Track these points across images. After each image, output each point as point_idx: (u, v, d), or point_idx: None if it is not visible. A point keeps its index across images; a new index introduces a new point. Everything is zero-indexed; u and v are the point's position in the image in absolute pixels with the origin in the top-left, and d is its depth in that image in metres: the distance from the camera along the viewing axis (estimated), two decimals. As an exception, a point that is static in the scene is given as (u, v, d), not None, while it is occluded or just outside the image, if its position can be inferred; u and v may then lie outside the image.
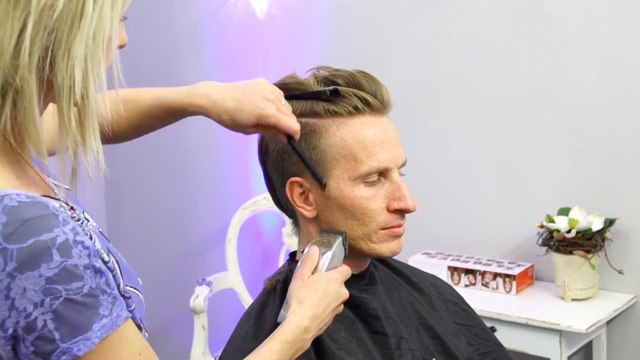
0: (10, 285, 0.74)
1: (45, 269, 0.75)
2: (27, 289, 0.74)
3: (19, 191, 0.78)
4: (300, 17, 2.92)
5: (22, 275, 0.74)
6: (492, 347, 1.32)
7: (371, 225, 1.16)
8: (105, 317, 0.79)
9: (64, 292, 0.76)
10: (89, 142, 0.82)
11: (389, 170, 1.16)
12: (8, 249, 0.74)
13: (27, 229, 0.75)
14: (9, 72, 0.76)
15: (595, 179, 2.34)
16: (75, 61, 0.78)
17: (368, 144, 1.15)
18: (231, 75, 3.14)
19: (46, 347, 0.76)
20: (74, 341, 0.77)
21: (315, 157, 1.15)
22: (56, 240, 0.76)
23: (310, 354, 1.10)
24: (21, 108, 0.78)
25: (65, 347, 0.76)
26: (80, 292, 0.77)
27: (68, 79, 0.78)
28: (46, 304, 0.75)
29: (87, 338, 0.77)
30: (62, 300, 0.75)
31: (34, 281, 0.74)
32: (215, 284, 2.84)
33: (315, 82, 1.19)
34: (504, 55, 2.48)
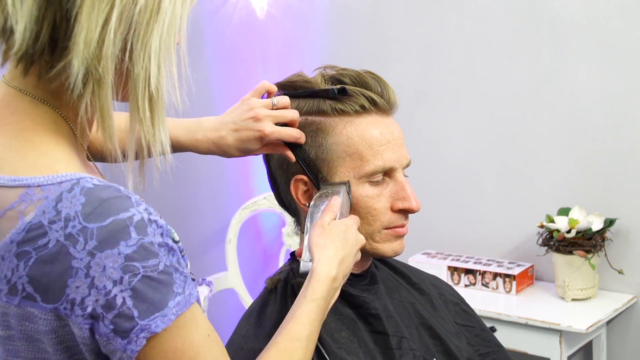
0: (90, 264, 0.76)
1: (124, 246, 0.76)
2: (106, 267, 0.76)
3: (91, 176, 0.80)
4: (300, 17, 2.92)
5: (101, 254, 0.76)
6: (492, 348, 1.32)
7: (375, 225, 1.16)
8: (179, 294, 0.80)
9: (142, 269, 0.77)
10: (158, 133, 0.84)
11: (394, 170, 1.16)
12: (88, 228, 0.76)
13: (106, 209, 0.77)
14: (92, 62, 0.78)
15: (595, 179, 2.34)
16: (151, 53, 0.80)
17: (374, 143, 1.15)
18: (231, 75, 3.14)
19: (125, 325, 0.77)
20: (152, 317, 0.78)
21: (321, 155, 1.16)
22: (133, 219, 0.78)
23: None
24: (99, 97, 0.80)
25: (143, 324, 0.78)
26: (156, 269, 0.78)
27: (144, 71, 0.80)
28: (125, 281, 0.76)
29: (164, 315, 0.79)
30: (140, 277, 0.77)
31: (113, 259, 0.76)
32: (215, 284, 2.84)
33: (322, 81, 1.19)
34: (504, 55, 2.48)
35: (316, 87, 1.18)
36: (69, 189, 0.77)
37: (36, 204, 0.77)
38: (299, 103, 1.18)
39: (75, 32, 0.77)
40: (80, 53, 0.77)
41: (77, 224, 0.76)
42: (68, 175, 0.79)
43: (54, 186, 0.78)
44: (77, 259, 0.76)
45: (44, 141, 0.82)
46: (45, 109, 0.83)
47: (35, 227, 0.76)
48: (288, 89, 1.21)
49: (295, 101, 1.19)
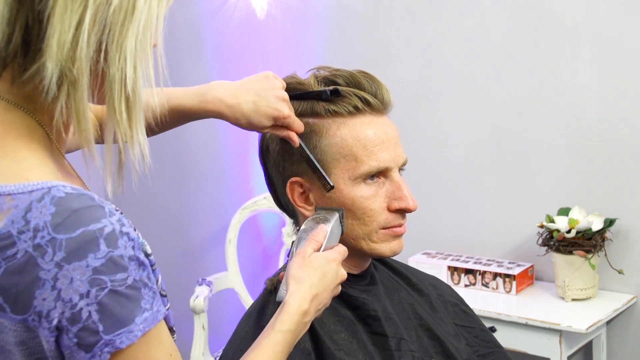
0: (58, 276, 0.74)
1: (92, 259, 0.75)
2: (74, 279, 0.75)
3: (65, 183, 0.78)
4: (300, 17, 2.92)
5: (69, 265, 0.74)
6: (491, 349, 1.32)
7: (372, 225, 1.16)
8: (147, 310, 0.79)
9: (110, 283, 0.76)
10: (135, 135, 0.82)
11: (389, 169, 1.16)
12: (57, 239, 0.74)
13: (76, 219, 0.75)
14: (66, 64, 0.77)
15: (595, 179, 2.34)
16: (127, 54, 0.79)
17: (368, 143, 1.15)
18: (231, 75, 3.14)
19: (89, 339, 0.76)
20: (117, 333, 0.77)
21: (316, 157, 1.15)
22: (104, 230, 0.76)
23: (311, 354, 1.10)
24: (74, 100, 0.79)
25: (108, 339, 0.76)
26: (124, 283, 0.77)
27: (120, 72, 0.79)
28: (92, 294, 0.75)
29: (130, 331, 0.77)
30: (107, 291, 0.76)
31: (81, 271, 0.75)
32: (215, 284, 2.84)
33: (315, 82, 1.19)
34: (504, 55, 2.48)
35: (309, 89, 1.18)
36: (39, 198, 0.76)
37: (6, 213, 0.76)
38: (293, 105, 1.18)
39: (48, 34, 0.76)
40: (53, 55, 0.76)
41: (45, 234, 0.74)
42: (39, 183, 0.77)
43: (24, 195, 0.76)
44: (44, 270, 0.74)
45: (16, 147, 0.80)
46: (18, 114, 0.81)
47: (4, 237, 0.75)
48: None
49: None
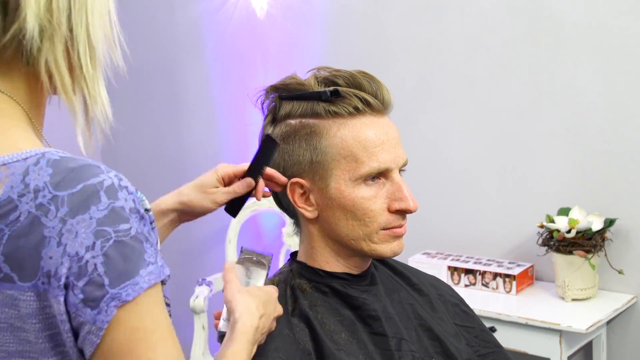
0: (62, 231, 0.75)
1: (95, 210, 0.76)
2: (79, 233, 0.75)
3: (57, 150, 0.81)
4: (300, 17, 2.92)
5: (73, 220, 0.75)
6: (491, 349, 1.32)
7: (372, 226, 1.16)
8: (152, 263, 0.79)
9: (114, 234, 0.76)
10: (98, 91, 0.86)
11: (389, 170, 1.16)
12: (58, 196, 0.76)
13: (75, 176, 0.77)
14: (44, 16, 0.80)
15: (595, 179, 2.34)
16: (88, 12, 0.83)
17: (369, 144, 1.14)
18: (231, 75, 3.14)
19: (95, 293, 0.76)
20: (123, 286, 0.76)
21: (316, 158, 1.15)
22: (103, 184, 0.78)
23: (311, 354, 1.10)
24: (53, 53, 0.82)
25: (114, 292, 0.76)
26: (128, 234, 0.77)
27: (84, 27, 0.83)
28: (97, 246, 0.76)
29: (136, 283, 0.77)
30: (112, 242, 0.76)
31: (85, 224, 0.76)
32: (215, 284, 2.84)
33: (315, 83, 1.19)
34: (504, 55, 2.48)
35: (309, 90, 1.18)
36: (34, 162, 0.78)
37: (3, 182, 0.77)
38: (294, 105, 1.18)
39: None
40: (33, 8, 0.79)
41: (47, 193, 0.76)
42: (32, 150, 0.79)
43: (19, 162, 0.78)
44: (49, 227, 0.75)
45: (3, 124, 0.82)
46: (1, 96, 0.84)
47: (5, 203, 0.76)
48: (282, 91, 1.20)
49: (289, 103, 1.19)
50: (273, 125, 1.20)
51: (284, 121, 1.19)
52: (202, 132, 3.25)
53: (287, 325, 1.12)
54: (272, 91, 1.22)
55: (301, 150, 1.16)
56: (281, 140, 1.18)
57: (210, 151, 3.25)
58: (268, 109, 1.23)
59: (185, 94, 3.30)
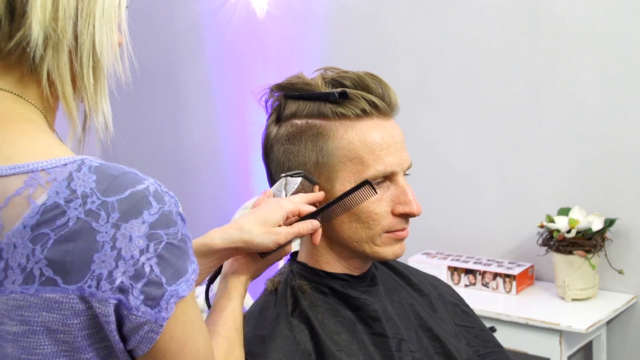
0: (116, 235, 0.77)
1: (147, 215, 0.79)
2: (132, 237, 0.78)
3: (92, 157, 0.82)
4: (300, 17, 2.92)
5: (126, 224, 0.77)
6: (491, 349, 1.32)
7: (375, 229, 1.16)
8: (194, 262, 0.83)
9: (165, 236, 0.79)
10: (100, 103, 0.87)
11: (395, 174, 1.16)
12: (108, 202, 0.77)
13: (120, 183, 0.79)
14: (50, 24, 0.81)
15: (595, 179, 2.34)
16: (95, 22, 0.84)
17: (375, 147, 1.14)
18: (231, 75, 3.14)
19: (155, 292, 0.79)
20: (178, 282, 0.80)
21: (322, 160, 1.15)
22: (150, 190, 0.80)
23: (311, 355, 1.10)
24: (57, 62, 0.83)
25: (172, 289, 0.80)
26: (176, 236, 0.81)
27: (89, 37, 0.84)
28: (151, 249, 0.78)
29: (187, 280, 0.81)
30: (164, 244, 0.79)
31: (138, 228, 0.78)
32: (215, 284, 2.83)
33: (322, 84, 1.18)
34: (504, 55, 2.48)
35: (316, 90, 1.17)
36: (76, 168, 0.79)
37: (45, 187, 0.77)
38: (299, 105, 1.17)
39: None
40: (38, 16, 0.80)
41: (95, 199, 0.77)
42: (70, 157, 0.80)
43: (59, 168, 0.79)
44: (101, 232, 0.77)
45: (29, 128, 0.83)
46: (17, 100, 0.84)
47: (51, 208, 0.77)
48: (288, 90, 1.20)
49: (295, 103, 1.18)
50: (277, 124, 1.20)
51: (289, 121, 1.18)
52: (202, 132, 3.25)
53: (287, 325, 1.12)
54: (277, 90, 1.21)
55: (307, 151, 1.16)
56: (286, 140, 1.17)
57: (210, 151, 3.25)
58: (272, 107, 1.22)
59: (185, 94, 3.30)
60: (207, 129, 3.24)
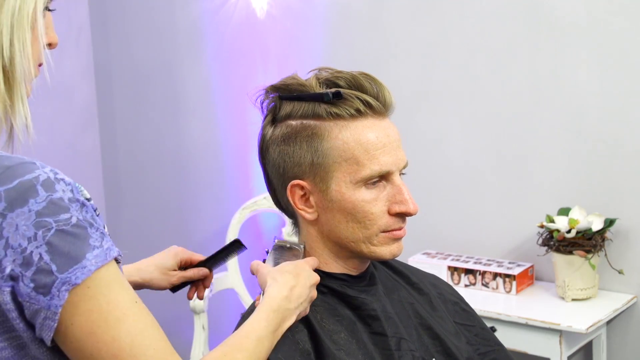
0: (3, 225, 0.79)
1: (33, 203, 0.79)
2: (19, 225, 0.79)
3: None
4: (300, 17, 2.92)
5: (12, 213, 0.79)
6: (492, 347, 1.32)
7: (372, 229, 1.16)
8: (97, 247, 0.82)
9: (54, 223, 0.80)
10: (17, 105, 0.88)
11: (390, 173, 1.16)
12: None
13: (11, 173, 0.80)
14: None
15: (595, 179, 2.34)
16: (2, 28, 0.85)
17: (370, 147, 1.14)
18: (231, 75, 3.14)
19: (45, 280, 0.79)
20: (71, 270, 0.80)
21: (317, 160, 1.15)
22: (39, 178, 0.81)
23: (310, 355, 1.10)
24: None
25: (63, 277, 0.80)
26: (69, 222, 0.81)
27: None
28: (39, 236, 0.79)
29: (83, 266, 0.81)
30: (54, 231, 0.79)
31: (24, 217, 0.79)
32: (215, 284, 2.84)
33: (317, 84, 1.18)
34: (504, 55, 2.48)
35: (311, 91, 1.17)
36: None
37: None
38: (294, 106, 1.18)
39: None
40: None
41: None
42: None
43: None
44: None
45: None
46: None
47: None
48: (282, 91, 1.20)
49: (290, 104, 1.18)
50: (273, 125, 1.20)
51: (285, 122, 1.18)
52: (202, 132, 3.25)
53: (287, 325, 1.12)
54: (272, 91, 1.21)
55: (302, 151, 1.16)
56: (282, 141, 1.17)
57: (210, 151, 3.25)
58: (267, 108, 1.22)
59: (185, 93, 3.30)
60: (207, 129, 3.24)
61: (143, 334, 0.84)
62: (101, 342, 0.82)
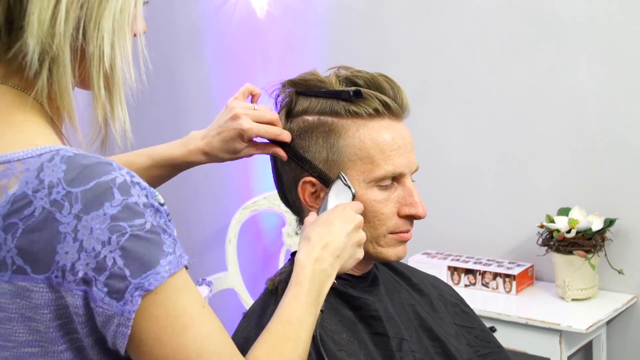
0: (78, 227, 0.77)
1: (108, 207, 0.78)
2: (94, 229, 0.77)
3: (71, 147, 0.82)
4: (300, 17, 2.92)
5: (87, 216, 0.77)
6: (492, 349, 1.32)
7: (381, 229, 1.16)
8: (170, 254, 0.81)
9: (129, 228, 0.78)
10: (116, 110, 0.88)
11: (403, 175, 1.16)
12: (72, 193, 0.77)
13: (88, 173, 0.79)
14: (46, 40, 0.81)
15: (595, 179, 2.34)
16: (104, 33, 0.84)
17: (386, 147, 1.15)
18: (231, 75, 3.14)
19: (119, 285, 0.78)
20: (144, 276, 0.79)
21: (332, 157, 1.15)
22: (116, 181, 0.79)
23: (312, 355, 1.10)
24: (56, 76, 0.83)
25: (136, 282, 0.78)
26: (143, 228, 0.79)
27: (98, 49, 0.84)
28: (113, 241, 0.78)
29: (157, 272, 0.79)
30: (128, 236, 0.78)
31: (99, 220, 0.77)
32: (215, 284, 2.84)
33: (336, 82, 1.18)
34: (504, 55, 2.48)
35: (330, 88, 1.18)
36: (49, 158, 0.79)
37: (18, 177, 0.78)
38: (312, 102, 1.18)
39: (29, 11, 0.80)
40: (34, 31, 0.80)
41: (60, 189, 0.77)
42: (47, 147, 0.80)
43: (34, 158, 0.79)
44: (63, 223, 0.77)
45: (20, 120, 0.84)
46: (17, 93, 0.85)
47: (20, 198, 0.77)
48: (300, 87, 1.20)
49: (307, 100, 1.18)
50: (287, 119, 1.20)
51: (301, 117, 1.18)
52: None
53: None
54: (289, 85, 1.22)
55: (317, 147, 1.16)
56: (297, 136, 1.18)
57: (210, 151, 3.25)
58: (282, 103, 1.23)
59: (185, 93, 3.30)
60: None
61: (210, 339, 0.83)
62: (168, 349, 0.81)
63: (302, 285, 0.99)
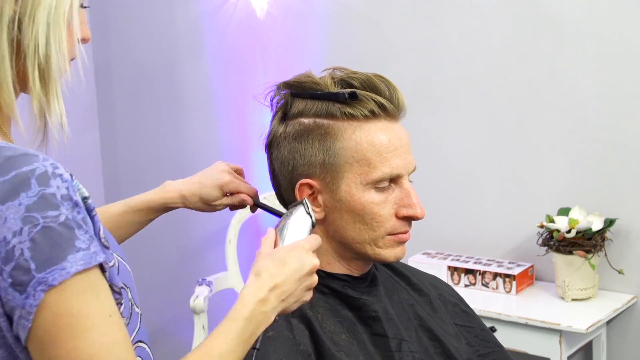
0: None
1: (24, 197, 0.78)
2: (8, 219, 0.77)
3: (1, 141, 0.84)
4: (300, 17, 2.92)
5: (3, 206, 0.78)
6: (492, 348, 1.32)
7: (379, 231, 1.16)
8: (82, 250, 0.80)
9: (41, 219, 0.78)
10: (52, 104, 0.88)
11: (400, 176, 1.16)
12: None
13: (9, 165, 0.79)
14: None
15: (595, 179, 2.34)
16: (39, 27, 0.85)
17: (382, 149, 1.15)
18: (231, 75, 3.14)
19: (22, 278, 0.77)
20: (49, 271, 0.78)
21: (329, 160, 1.15)
22: (35, 172, 0.79)
23: (311, 356, 1.10)
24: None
25: (40, 277, 0.77)
26: (56, 220, 0.78)
27: (32, 41, 0.85)
28: (24, 232, 0.77)
29: (63, 267, 0.78)
30: (40, 228, 0.78)
31: (14, 210, 0.77)
32: (215, 284, 2.84)
33: (331, 83, 1.18)
34: (504, 55, 2.48)
35: (325, 89, 1.17)
36: None
37: None
38: (307, 104, 1.17)
39: None
40: None
41: None
42: None
43: None
44: None
45: None
46: None
47: None
48: (296, 89, 1.20)
49: (303, 102, 1.18)
50: (283, 122, 1.20)
51: (297, 119, 1.18)
52: (202, 131, 3.25)
53: (287, 326, 1.12)
54: (284, 87, 1.21)
55: (314, 150, 1.16)
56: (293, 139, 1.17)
57: (210, 151, 3.25)
58: (277, 105, 1.22)
59: (185, 93, 3.30)
60: (207, 129, 3.23)
61: (109, 350, 0.80)
62: (62, 349, 0.78)
63: (237, 322, 0.93)
